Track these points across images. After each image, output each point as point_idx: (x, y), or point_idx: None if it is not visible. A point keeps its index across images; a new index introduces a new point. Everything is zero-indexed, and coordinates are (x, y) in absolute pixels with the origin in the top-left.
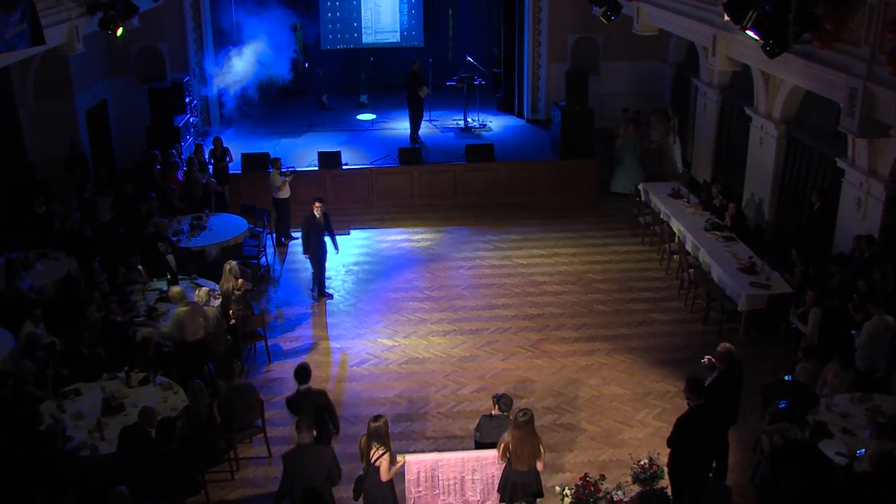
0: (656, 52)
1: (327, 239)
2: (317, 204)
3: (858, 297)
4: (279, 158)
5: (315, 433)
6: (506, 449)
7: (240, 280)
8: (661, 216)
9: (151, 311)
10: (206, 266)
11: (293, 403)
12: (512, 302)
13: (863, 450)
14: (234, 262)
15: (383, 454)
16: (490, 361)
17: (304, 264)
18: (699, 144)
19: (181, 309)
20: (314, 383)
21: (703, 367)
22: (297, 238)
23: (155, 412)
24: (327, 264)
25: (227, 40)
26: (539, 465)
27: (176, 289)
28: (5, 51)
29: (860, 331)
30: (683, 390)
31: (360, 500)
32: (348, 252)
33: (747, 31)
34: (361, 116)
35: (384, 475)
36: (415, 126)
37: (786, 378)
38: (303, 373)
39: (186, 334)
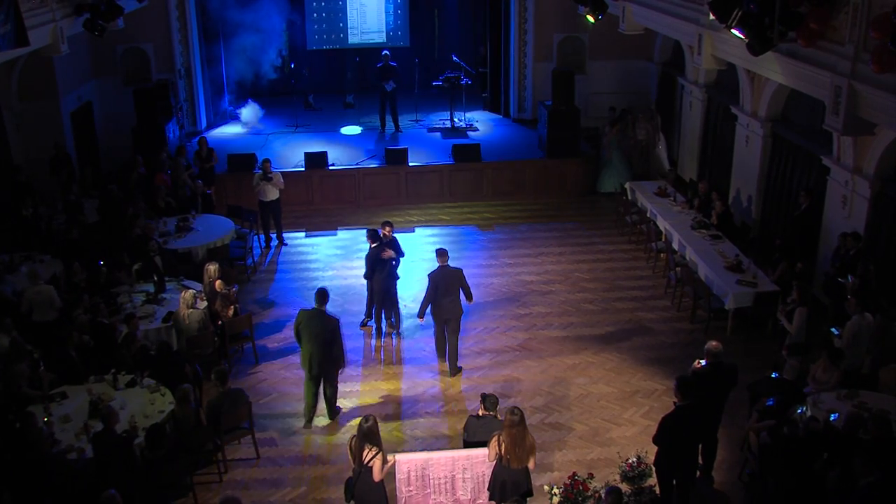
0: (642, 52)
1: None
2: (388, 229)
3: (853, 295)
4: (268, 160)
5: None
6: (499, 449)
7: (217, 281)
8: (648, 215)
9: (129, 318)
10: (192, 267)
11: (369, 256)
12: (499, 301)
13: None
14: (212, 265)
15: (376, 454)
16: (478, 361)
17: (293, 265)
18: (685, 143)
19: (28, 289)
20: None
21: (695, 369)
22: (287, 245)
23: (115, 412)
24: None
25: (212, 41)
26: (531, 464)
27: (27, 269)
28: None
29: (840, 329)
30: (674, 389)
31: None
32: (337, 253)
33: (732, 30)
34: (345, 130)
35: (377, 475)
36: (382, 119)
37: (773, 375)
38: (373, 234)
39: (34, 314)
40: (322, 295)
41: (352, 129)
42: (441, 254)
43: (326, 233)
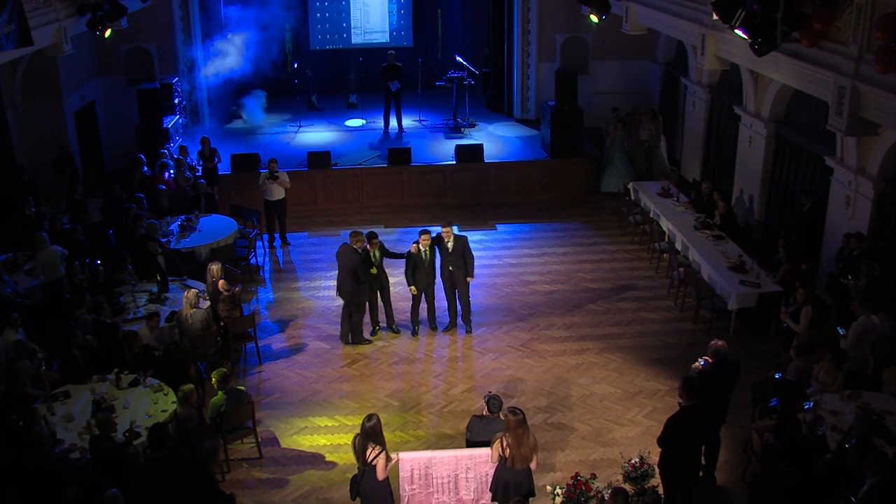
0: (645, 52)
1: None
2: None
3: (857, 295)
4: (274, 159)
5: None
6: (501, 449)
7: (220, 281)
8: (651, 215)
9: (150, 317)
10: (196, 267)
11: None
12: (502, 301)
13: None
14: (215, 265)
15: (380, 453)
16: (480, 361)
17: (296, 265)
18: (688, 143)
19: (40, 254)
20: (307, 383)
21: (695, 368)
22: (290, 245)
23: (112, 420)
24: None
25: (216, 41)
26: (532, 464)
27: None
28: None
29: (846, 329)
30: (679, 389)
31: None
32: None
33: (736, 30)
34: (350, 122)
35: (381, 474)
36: (386, 119)
37: (776, 376)
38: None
39: (44, 275)
40: (355, 234)
41: (356, 122)
42: (448, 223)
43: (329, 233)
